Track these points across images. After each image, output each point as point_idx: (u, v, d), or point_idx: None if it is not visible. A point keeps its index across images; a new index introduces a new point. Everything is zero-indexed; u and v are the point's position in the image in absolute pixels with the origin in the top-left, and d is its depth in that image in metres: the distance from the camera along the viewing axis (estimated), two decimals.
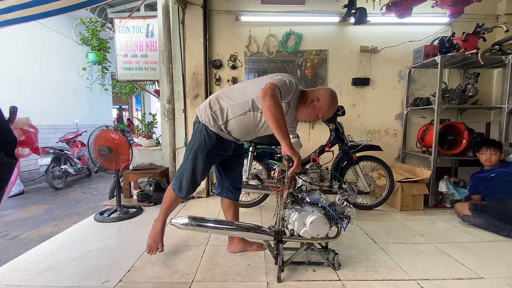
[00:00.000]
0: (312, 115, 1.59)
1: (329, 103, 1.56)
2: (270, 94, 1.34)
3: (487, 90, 3.37)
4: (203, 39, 3.18)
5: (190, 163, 1.64)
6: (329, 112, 1.59)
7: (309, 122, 1.68)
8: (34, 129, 1.44)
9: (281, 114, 1.36)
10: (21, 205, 3.54)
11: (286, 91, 1.45)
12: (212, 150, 1.61)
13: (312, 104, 1.57)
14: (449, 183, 2.83)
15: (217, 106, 1.57)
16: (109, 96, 7.10)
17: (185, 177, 1.66)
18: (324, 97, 1.56)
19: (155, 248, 1.76)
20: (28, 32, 4.84)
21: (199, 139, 1.60)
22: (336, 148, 2.69)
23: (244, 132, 1.63)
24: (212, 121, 1.56)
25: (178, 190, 1.70)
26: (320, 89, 1.61)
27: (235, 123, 1.56)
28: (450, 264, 1.71)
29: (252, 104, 1.52)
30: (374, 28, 3.29)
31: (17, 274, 1.63)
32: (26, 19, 1.69)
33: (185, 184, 1.67)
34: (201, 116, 1.60)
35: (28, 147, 1.41)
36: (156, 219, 1.83)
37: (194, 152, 1.62)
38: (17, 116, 1.28)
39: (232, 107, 1.54)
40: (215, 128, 1.57)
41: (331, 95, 1.57)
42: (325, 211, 1.55)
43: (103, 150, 2.45)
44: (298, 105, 1.60)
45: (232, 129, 1.59)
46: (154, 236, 1.79)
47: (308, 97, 1.58)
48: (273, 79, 1.45)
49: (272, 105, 1.33)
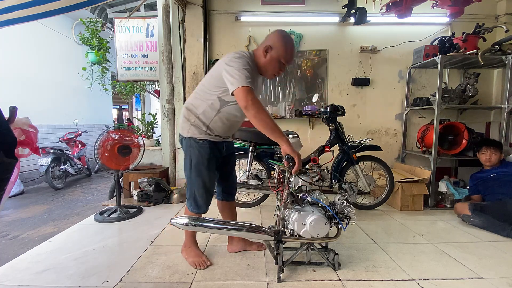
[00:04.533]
0: (275, 64, 1.52)
1: (283, 42, 1.49)
2: (250, 103, 1.34)
3: (487, 90, 3.38)
4: (203, 39, 3.18)
5: (196, 180, 1.60)
6: (288, 52, 1.50)
7: (277, 75, 1.59)
8: (34, 129, 1.44)
9: (268, 116, 1.39)
10: (21, 205, 3.54)
11: (250, 73, 1.40)
12: (210, 158, 1.60)
13: (269, 54, 1.49)
14: (449, 183, 2.83)
15: (192, 116, 1.57)
16: (109, 96, 7.09)
17: (198, 193, 1.62)
18: (274, 40, 1.49)
19: (202, 262, 1.68)
20: (28, 32, 4.84)
21: (194, 154, 1.58)
22: (336, 148, 2.69)
23: (228, 128, 1.63)
24: (197, 131, 1.56)
25: (197, 208, 1.64)
26: (267, 37, 1.54)
27: (216, 124, 1.57)
28: (450, 264, 1.71)
29: (220, 101, 1.52)
30: (374, 28, 3.29)
31: (17, 274, 1.63)
32: (26, 19, 1.70)
33: (201, 200, 1.63)
34: (185, 131, 1.59)
35: (28, 147, 1.41)
36: (183, 246, 1.78)
37: (195, 168, 1.59)
38: (17, 116, 1.28)
39: (204, 112, 1.55)
40: (204, 135, 1.57)
41: (279, 34, 1.50)
42: (325, 211, 1.55)
43: (126, 149, 2.58)
44: (258, 66, 1.54)
45: (217, 130, 1.59)
46: (193, 256, 1.72)
47: (261, 52, 1.51)
48: (234, 77, 1.37)
49: (256, 113, 1.36)
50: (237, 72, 1.38)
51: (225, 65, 1.43)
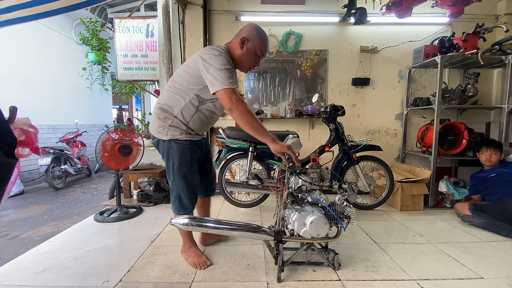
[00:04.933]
0: (252, 56, 1.53)
1: (259, 35, 1.51)
2: (235, 105, 1.34)
3: (487, 90, 3.37)
4: (203, 39, 3.18)
5: (180, 182, 1.59)
6: (263, 44, 1.53)
7: (252, 68, 1.59)
8: (34, 129, 1.44)
9: (253, 117, 1.40)
10: (21, 205, 3.54)
11: (231, 71, 1.39)
12: (193, 158, 1.60)
13: (246, 46, 1.50)
14: (449, 183, 2.83)
15: (169, 117, 1.53)
16: (109, 96, 7.09)
17: (183, 195, 1.61)
18: (250, 32, 1.50)
19: (203, 262, 1.67)
20: (28, 32, 4.84)
21: (177, 156, 1.55)
22: (336, 148, 2.69)
23: (206, 125, 1.65)
24: (178, 131, 1.54)
25: (183, 209, 1.63)
26: (241, 30, 1.54)
27: (196, 121, 1.57)
28: (450, 264, 1.71)
29: (198, 99, 1.51)
30: (374, 28, 3.29)
31: (17, 274, 1.63)
32: (26, 19, 1.70)
33: (186, 200, 1.63)
34: (162, 134, 1.54)
35: (28, 147, 1.41)
36: (182, 247, 1.78)
37: (178, 170, 1.57)
38: (17, 116, 1.28)
39: (182, 111, 1.52)
40: (185, 135, 1.55)
41: (255, 27, 1.52)
42: (325, 211, 1.55)
43: (127, 149, 2.59)
44: (233, 59, 1.52)
45: (196, 127, 1.59)
46: (192, 256, 1.71)
47: (236, 45, 1.52)
48: (216, 78, 1.35)
49: (241, 114, 1.36)
50: (218, 72, 1.36)
51: (204, 62, 1.39)
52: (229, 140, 2.59)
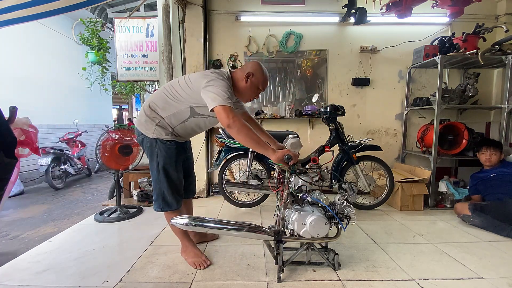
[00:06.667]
0: (254, 89, 1.66)
1: (262, 72, 1.64)
2: (232, 121, 1.39)
3: (487, 90, 3.37)
4: (203, 39, 3.18)
5: (164, 180, 1.62)
6: (265, 80, 1.67)
7: (252, 99, 1.72)
8: (34, 129, 1.44)
9: (250, 131, 1.45)
10: (21, 205, 3.54)
11: (230, 94, 1.47)
12: (177, 158, 1.64)
13: (250, 80, 1.62)
14: (449, 183, 2.83)
15: (158, 116, 1.58)
16: (109, 96, 7.09)
17: (167, 193, 1.64)
18: (255, 69, 1.63)
19: (202, 262, 1.68)
20: (28, 32, 4.84)
21: (162, 156, 1.59)
22: (336, 148, 2.69)
23: (189, 135, 1.72)
24: (163, 132, 1.58)
25: (168, 206, 1.66)
26: (247, 65, 1.66)
27: (181, 129, 1.63)
28: (450, 264, 1.71)
29: (191, 111, 1.57)
30: (374, 28, 3.29)
31: (17, 274, 1.63)
32: (26, 19, 1.70)
33: (170, 198, 1.65)
34: (149, 132, 1.58)
35: (28, 147, 1.41)
36: (182, 247, 1.78)
37: (162, 169, 1.61)
38: (17, 116, 1.28)
39: (171, 116, 1.58)
40: (170, 137, 1.60)
41: (259, 64, 1.66)
42: (325, 211, 1.55)
43: (128, 149, 2.61)
44: (236, 89, 1.64)
45: (181, 133, 1.65)
46: (192, 256, 1.72)
47: (241, 77, 1.62)
48: (217, 95, 1.42)
49: (239, 129, 1.41)
50: (220, 91, 1.44)
51: (207, 84, 1.47)
52: (229, 140, 2.59)
